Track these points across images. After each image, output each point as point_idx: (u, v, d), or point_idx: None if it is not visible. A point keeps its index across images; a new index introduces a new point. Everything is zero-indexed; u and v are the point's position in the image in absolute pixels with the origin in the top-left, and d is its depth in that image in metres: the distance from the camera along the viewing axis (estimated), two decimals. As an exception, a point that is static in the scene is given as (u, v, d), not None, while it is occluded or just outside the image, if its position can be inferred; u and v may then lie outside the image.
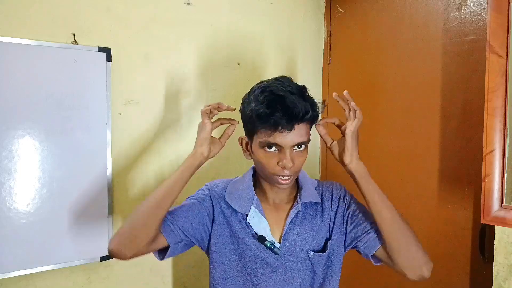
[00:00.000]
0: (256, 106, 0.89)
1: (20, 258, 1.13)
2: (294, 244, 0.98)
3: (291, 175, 0.92)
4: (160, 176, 1.40)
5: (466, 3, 1.25)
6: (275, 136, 0.88)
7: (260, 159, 0.93)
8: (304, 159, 0.94)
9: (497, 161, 0.96)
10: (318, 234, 1.01)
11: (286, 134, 0.88)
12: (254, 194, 1.01)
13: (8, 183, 1.12)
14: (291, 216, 0.99)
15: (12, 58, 1.11)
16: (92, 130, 1.24)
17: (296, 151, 0.91)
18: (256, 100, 0.90)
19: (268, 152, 0.91)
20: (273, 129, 0.87)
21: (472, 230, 1.23)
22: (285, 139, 0.88)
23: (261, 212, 0.99)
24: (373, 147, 1.56)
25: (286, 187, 0.95)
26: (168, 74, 1.41)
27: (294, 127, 0.88)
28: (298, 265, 0.98)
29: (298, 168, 0.93)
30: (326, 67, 1.79)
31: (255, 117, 0.90)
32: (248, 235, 0.98)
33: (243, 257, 0.98)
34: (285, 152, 0.89)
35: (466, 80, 1.25)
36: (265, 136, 0.89)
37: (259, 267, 0.97)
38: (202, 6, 1.47)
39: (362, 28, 1.62)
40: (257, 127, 0.91)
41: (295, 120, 0.87)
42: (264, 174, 0.96)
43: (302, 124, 0.90)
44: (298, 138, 0.89)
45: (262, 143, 0.91)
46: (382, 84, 1.53)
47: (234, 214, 1.00)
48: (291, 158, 0.89)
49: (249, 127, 0.95)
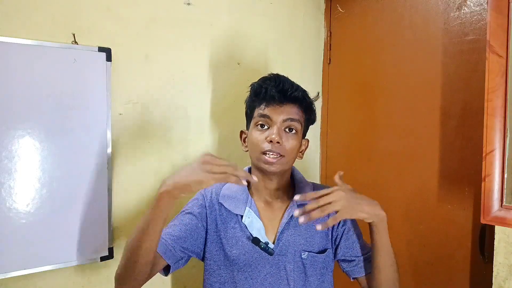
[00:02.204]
0: (255, 83, 1.02)
1: (20, 258, 1.13)
2: (288, 245, 0.99)
3: (278, 153, 0.94)
4: (160, 176, 1.40)
5: (466, 3, 1.25)
6: (267, 110, 0.97)
7: (253, 137, 0.98)
8: (295, 145, 0.98)
9: (497, 161, 0.96)
10: (313, 236, 1.01)
11: (277, 108, 0.96)
12: (248, 194, 1.02)
13: (8, 183, 1.12)
14: (286, 217, 1.00)
15: (12, 58, 1.11)
16: (92, 130, 1.24)
17: (287, 133, 0.97)
18: (255, 82, 1.03)
19: (260, 130, 0.98)
20: (266, 102, 0.97)
21: (472, 230, 1.23)
22: (275, 112, 0.96)
23: (256, 213, 1.00)
24: (373, 147, 1.56)
25: (273, 169, 0.95)
26: (168, 74, 1.41)
27: (285, 102, 0.97)
28: (292, 266, 0.98)
29: (286, 150, 0.96)
30: (326, 67, 1.79)
31: (252, 94, 1.02)
32: (243, 236, 0.99)
33: (238, 261, 0.98)
34: (273, 127, 0.95)
35: (466, 80, 1.25)
36: (258, 111, 0.98)
37: (253, 269, 0.97)
38: (202, 6, 1.47)
39: (362, 28, 1.62)
40: (254, 106, 1.00)
41: (285, 93, 0.96)
42: (254, 156, 0.98)
43: (293, 104, 0.98)
44: (287, 114, 0.96)
45: (255, 119, 0.99)
46: (382, 84, 1.53)
47: (230, 216, 1.01)
48: (279, 134, 0.94)
49: (248, 113, 1.03)
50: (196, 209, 1.02)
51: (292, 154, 0.97)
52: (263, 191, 1.02)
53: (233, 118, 1.53)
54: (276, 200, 1.03)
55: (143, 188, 1.37)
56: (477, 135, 1.14)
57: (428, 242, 1.36)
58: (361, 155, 1.62)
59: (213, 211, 1.02)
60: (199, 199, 1.05)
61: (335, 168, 1.75)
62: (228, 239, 0.99)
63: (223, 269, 0.99)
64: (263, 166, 0.96)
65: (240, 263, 0.97)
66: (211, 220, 1.01)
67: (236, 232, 0.99)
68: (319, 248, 1.01)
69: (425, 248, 1.37)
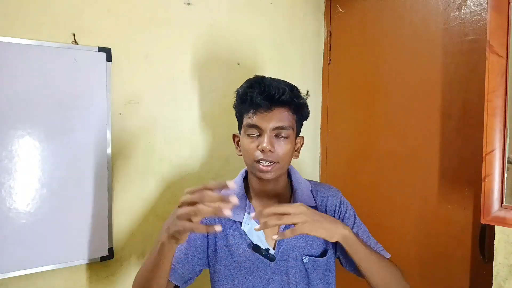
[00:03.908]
0: (240, 89, 0.97)
1: (20, 258, 1.13)
2: (289, 250, 0.98)
3: (272, 161, 0.92)
4: (160, 176, 1.40)
5: (466, 3, 1.25)
6: (255, 118, 0.92)
7: (244, 145, 0.95)
8: (289, 149, 0.95)
9: (497, 161, 0.96)
10: (314, 239, 1.00)
11: (265, 115, 0.91)
12: (247, 200, 1.01)
13: (8, 183, 1.12)
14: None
15: (12, 58, 1.11)
16: (92, 130, 1.24)
17: (279, 139, 0.93)
18: (240, 87, 0.98)
19: (250, 137, 0.94)
20: (253, 110, 0.92)
21: (472, 230, 1.23)
22: (263, 121, 0.91)
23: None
24: (373, 147, 1.56)
25: (269, 176, 0.94)
26: (168, 74, 1.41)
27: (273, 108, 0.91)
28: (294, 270, 0.97)
29: (280, 156, 0.93)
30: (326, 67, 1.79)
31: (238, 100, 0.96)
32: (244, 243, 0.98)
33: (240, 269, 0.97)
34: (264, 135, 0.91)
35: (466, 80, 1.25)
36: (247, 119, 0.94)
37: (255, 276, 0.96)
38: (202, 6, 1.47)
39: (362, 28, 1.62)
40: (242, 112, 0.96)
41: (272, 99, 0.91)
42: (248, 163, 0.97)
43: (282, 109, 0.93)
44: (276, 122, 0.92)
45: (244, 127, 0.95)
46: (382, 84, 1.53)
47: (229, 223, 0.99)
48: (270, 142, 0.91)
49: (238, 118, 1.00)
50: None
51: (286, 158, 0.95)
52: (261, 194, 1.02)
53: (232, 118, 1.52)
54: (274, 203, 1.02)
55: (143, 188, 1.37)
56: (477, 135, 1.13)
57: (428, 242, 1.35)
58: (361, 155, 1.62)
59: (212, 220, 1.00)
60: None
61: (335, 168, 1.75)
62: (229, 247, 0.98)
63: (225, 278, 0.98)
64: (258, 174, 0.95)
65: (242, 270, 0.97)
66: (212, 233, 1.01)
67: (236, 239, 0.98)
68: (320, 251, 1.00)
69: (425, 248, 1.37)
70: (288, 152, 0.95)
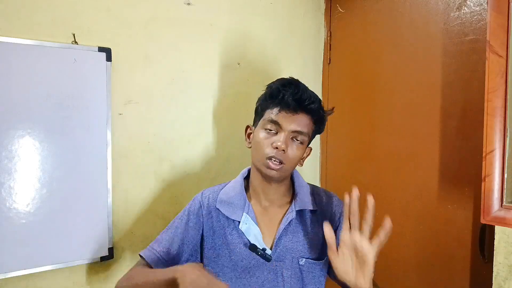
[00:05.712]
0: (273, 85, 0.98)
1: (20, 258, 1.13)
2: (286, 251, 0.98)
3: (281, 160, 0.93)
4: (160, 176, 1.40)
5: (466, 3, 1.25)
6: (279, 116, 0.94)
7: (259, 138, 0.96)
8: (298, 155, 0.96)
9: (497, 161, 0.96)
10: (312, 241, 1.00)
11: (289, 116, 0.94)
12: (246, 199, 1.01)
13: (8, 183, 1.12)
14: (284, 223, 0.99)
15: (12, 58, 1.11)
16: (92, 130, 1.24)
17: (293, 142, 0.95)
18: (273, 83, 1.00)
19: (267, 133, 0.96)
20: (280, 107, 0.94)
21: (472, 230, 1.23)
22: (286, 120, 0.94)
23: (253, 219, 0.99)
24: (373, 147, 1.56)
25: (275, 174, 0.95)
26: (168, 74, 1.41)
27: (299, 112, 0.94)
28: (289, 272, 0.97)
29: (289, 158, 0.95)
30: (326, 67, 1.79)
31: (268, 95, 0.98)
32: (241, 243, 0.98)
33: (236, 268, 0.97)
34: (281, 134, 0.93)
35: (466, 80, 1.25)
36: (270, 114, 0.95)
37: (251, 276, 0.97)
38: (202, 6, 1.47)
39: (362, 28, 1.62)
40: (266, 107, 0.97)
41: (301, 104, 0.93)
42: (256, 158, 0.97)
43: (306, 115, 0.95)
44: (297, 126, 0.94)
45: (264, 121, 0.96)
46: (382, 84, 1.53)
47: (227, 222, 1.00)
48: (286, 142, 0.93)
49: (259, 111, 1.01)
50: (192, 218, 1.02)
51: (294, 162, 0.97)
52: (261, 194, 1.02)
53: (233, 118, 1.53)
54: (274, 205, 1.02)
55: (143, 188, 1.37)
56: (477, 135, 1.13)
57: (428, 242, 1.35)
58: (361, 155, 1.62)
59: (210, 218, 1.01)
60: (196, 206, 1.04)
61: (335, 168, 1.75)
62: (226, 245, 0.98)
63: (220, 275, 0.98)
64: (264, 170, 0.95)
65: (238, 269, 0.97)
66: (208, 227, 1.01)
67: (233, 238, 0.98)
68: (317, 254, 1.00)
69: (425, 248, 1.37)
70: (297, 157, 0.96)
